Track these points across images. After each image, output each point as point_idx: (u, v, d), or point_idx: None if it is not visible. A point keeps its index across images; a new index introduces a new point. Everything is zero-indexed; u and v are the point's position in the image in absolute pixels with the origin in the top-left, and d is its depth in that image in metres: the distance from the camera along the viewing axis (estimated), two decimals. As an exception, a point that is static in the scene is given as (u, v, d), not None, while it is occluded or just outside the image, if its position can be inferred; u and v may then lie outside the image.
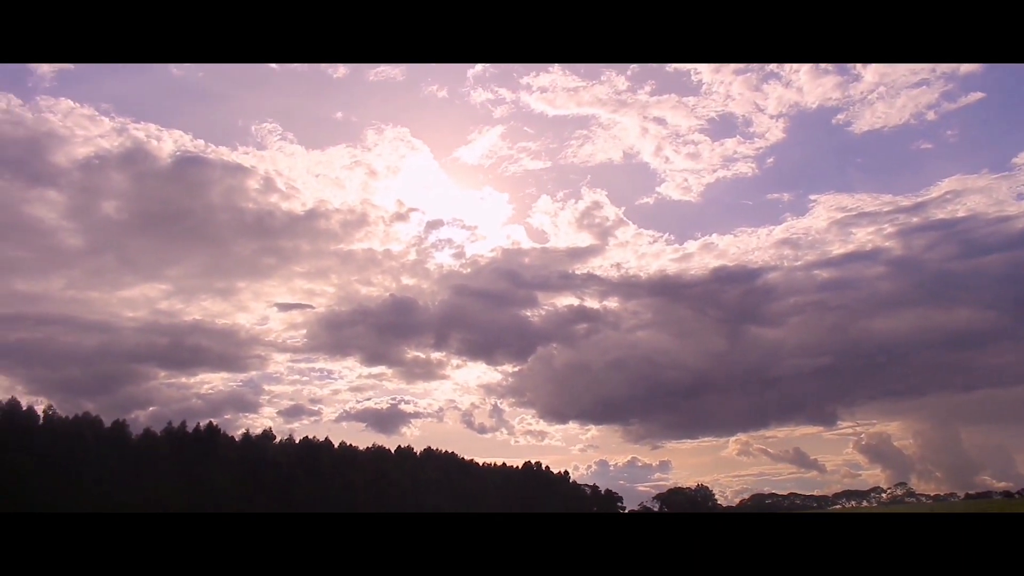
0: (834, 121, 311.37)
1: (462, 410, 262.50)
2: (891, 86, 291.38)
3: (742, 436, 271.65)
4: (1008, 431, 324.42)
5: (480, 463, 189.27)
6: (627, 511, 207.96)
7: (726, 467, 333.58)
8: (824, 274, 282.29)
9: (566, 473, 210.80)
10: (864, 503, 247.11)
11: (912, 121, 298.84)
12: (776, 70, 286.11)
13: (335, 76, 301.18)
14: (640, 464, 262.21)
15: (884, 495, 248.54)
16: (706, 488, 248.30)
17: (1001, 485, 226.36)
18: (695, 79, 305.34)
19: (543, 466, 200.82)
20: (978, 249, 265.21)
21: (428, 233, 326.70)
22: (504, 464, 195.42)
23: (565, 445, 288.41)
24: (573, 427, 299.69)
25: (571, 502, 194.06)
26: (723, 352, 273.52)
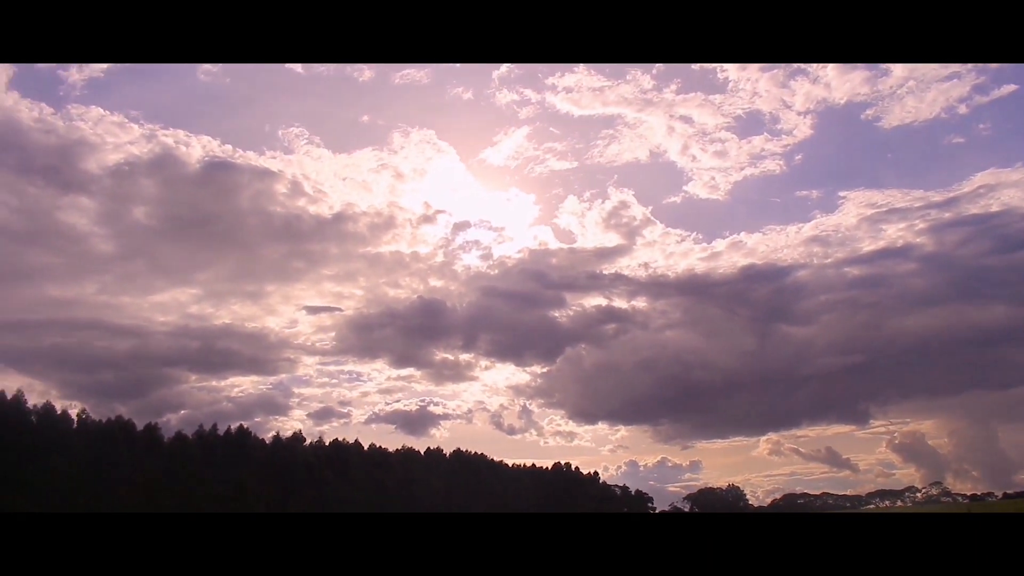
0: (863, 117, 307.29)
1: (491, 411, 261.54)
2: (921, 80, 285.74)
3: (773, 435, 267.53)
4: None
5: (510, 464, 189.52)
6: (657, 511, 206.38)
7: (757, 467, 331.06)
8: (855, 271, 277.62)
9: (596, 474, 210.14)
10: (899, 503, 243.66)
11: (943, 115, 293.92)
12: (803, 66, 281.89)
13: (360, 79, 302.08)
14: (670, 464, 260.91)
15: (919, 495, 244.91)
16: (737, 488, 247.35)
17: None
18: (721, 77, 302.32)
19: (573, 467, 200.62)
20: (1013, 244, 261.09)
21: (455, 235, 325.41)
22: (534, 465, 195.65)
23: (594, 446, 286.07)
24: (602, 428, 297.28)
25: (601, 503, 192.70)
26: (753, 351, 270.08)
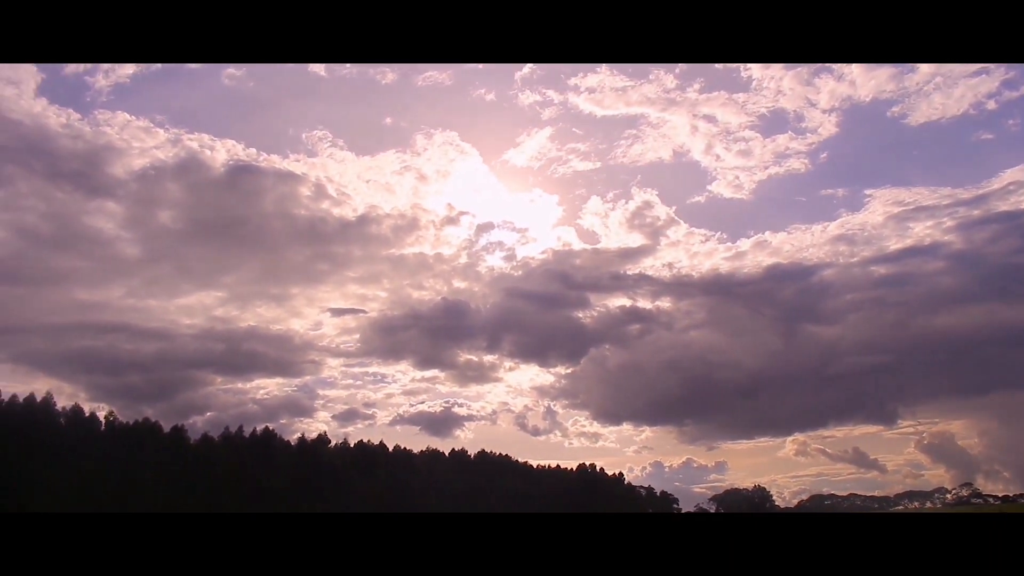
0: (889, 114, 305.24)
1: (515, 412, 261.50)
2: (948, 76, 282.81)
3: (799, 436, 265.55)
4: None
5: (534, 465, 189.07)
6: (683, 513, 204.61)
7: (783, 467, 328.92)
8: (881, 270, 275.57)
9: (621, 475, 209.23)
10: (928, 504, 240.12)
11: (971, 111, 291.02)
12: (827, 64, 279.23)
13: (383, 82, 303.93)
14: (696, 465, 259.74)
15: (948, 496, 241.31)
16: (763, 489, 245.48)
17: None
18: (745, 75, 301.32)
19: (597, 468, 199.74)
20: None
21: (479, 236, 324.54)
22: (558, 466, 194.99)
23: (619, 447, 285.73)
24: (627, 428, 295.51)
25: (626, 504, 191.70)
26: (778, 351, 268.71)
